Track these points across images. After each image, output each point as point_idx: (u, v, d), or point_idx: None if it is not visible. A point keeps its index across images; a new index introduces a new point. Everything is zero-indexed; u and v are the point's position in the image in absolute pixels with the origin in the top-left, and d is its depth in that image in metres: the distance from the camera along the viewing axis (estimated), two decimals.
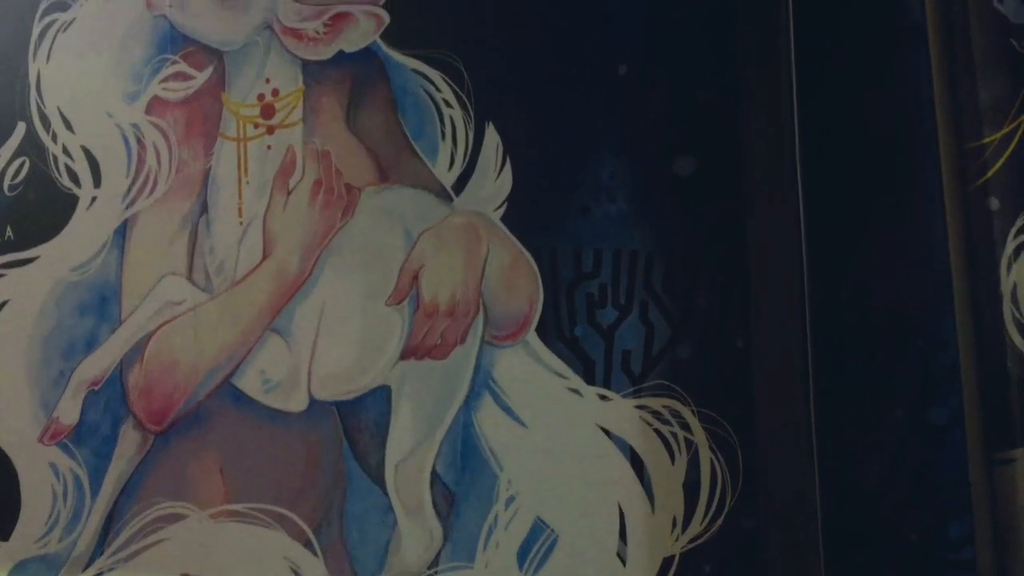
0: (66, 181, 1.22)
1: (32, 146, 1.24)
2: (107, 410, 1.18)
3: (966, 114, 1.04)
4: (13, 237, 1.23)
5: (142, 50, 1.22)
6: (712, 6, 1.09)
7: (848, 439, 1.03)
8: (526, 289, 1.10)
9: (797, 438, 1.00)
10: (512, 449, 1.08)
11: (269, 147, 1.17)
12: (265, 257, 1.16)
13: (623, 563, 1.04)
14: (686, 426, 1.05)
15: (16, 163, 1.24)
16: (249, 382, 1.15)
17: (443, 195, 1.13)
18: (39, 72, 1.25)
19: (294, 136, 1.17)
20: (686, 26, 1.09)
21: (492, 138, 1.12)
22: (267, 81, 1.18)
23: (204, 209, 1.18)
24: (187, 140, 1.20)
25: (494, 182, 1.12)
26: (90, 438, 1.18)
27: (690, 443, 1.04)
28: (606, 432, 1.06)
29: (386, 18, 1.16)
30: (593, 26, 1.11)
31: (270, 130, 1.17)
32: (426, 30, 1.14)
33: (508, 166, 1.12)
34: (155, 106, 1.21)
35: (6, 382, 1.21)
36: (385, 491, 1.10)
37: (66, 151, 1.23)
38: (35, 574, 1.18)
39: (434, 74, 1.14)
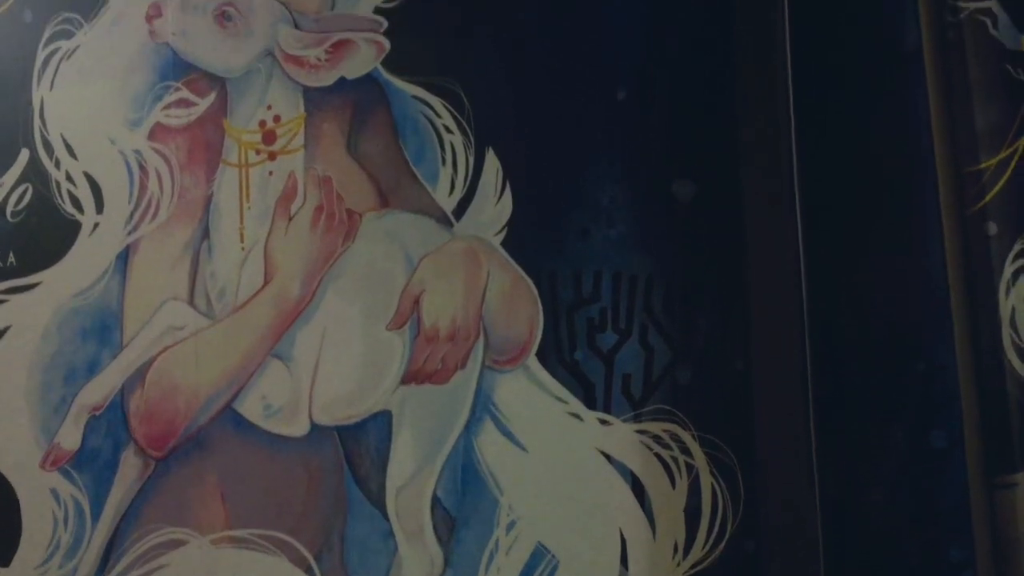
0: (69, 207, 1.23)
1: (35, 173, 1.24)
2: (108, 435, 1.18)
3: (963, 139, 1.05)
4: (15, 263, 1.23)
5: (145, 77, 1.23)
6: (710, 32, 1.10)
7: (848, 463, 1.02)
8: (526, 313, 1.10)
9: (798, 462, 1.00)
10: (513, 474, 1.08)
11: (271, 173, 1.18)
12: (267, 282, 1.16)
13: None
14: (687, 450, 1.05)
15: (19, 190, 1.24)
16: (250, 407, 1.15)
17: (443, 220, 1.13)
18: (43, 99, 1.25)
19: (296, 162, 1.17)
20: (684, 52, 1.10)
21: (492, 163, 1.13)
22: (269, 108, 1.18)
23: (206, 235, 1.19)
24: (189, 166, 1.20)
25: (494, 207, 1.12)
26: (91, 464, 1.18)
27: (691, 467, 1.04)
28: (607, 457, 1.06)
29: (387, 45, 1.17)
30: (592, 52, 1.12)
31: (272, 156, 1.18)
32: (427, 57, 1.15)
33: (508, 191, 1.12)
34: (157, 132, 1.21)
35: (7, 408, 1.21)
36: (386, 516, 1.10)
37: (69, 177, 1.23)
38: None
39: (434, 100, 1.15)
